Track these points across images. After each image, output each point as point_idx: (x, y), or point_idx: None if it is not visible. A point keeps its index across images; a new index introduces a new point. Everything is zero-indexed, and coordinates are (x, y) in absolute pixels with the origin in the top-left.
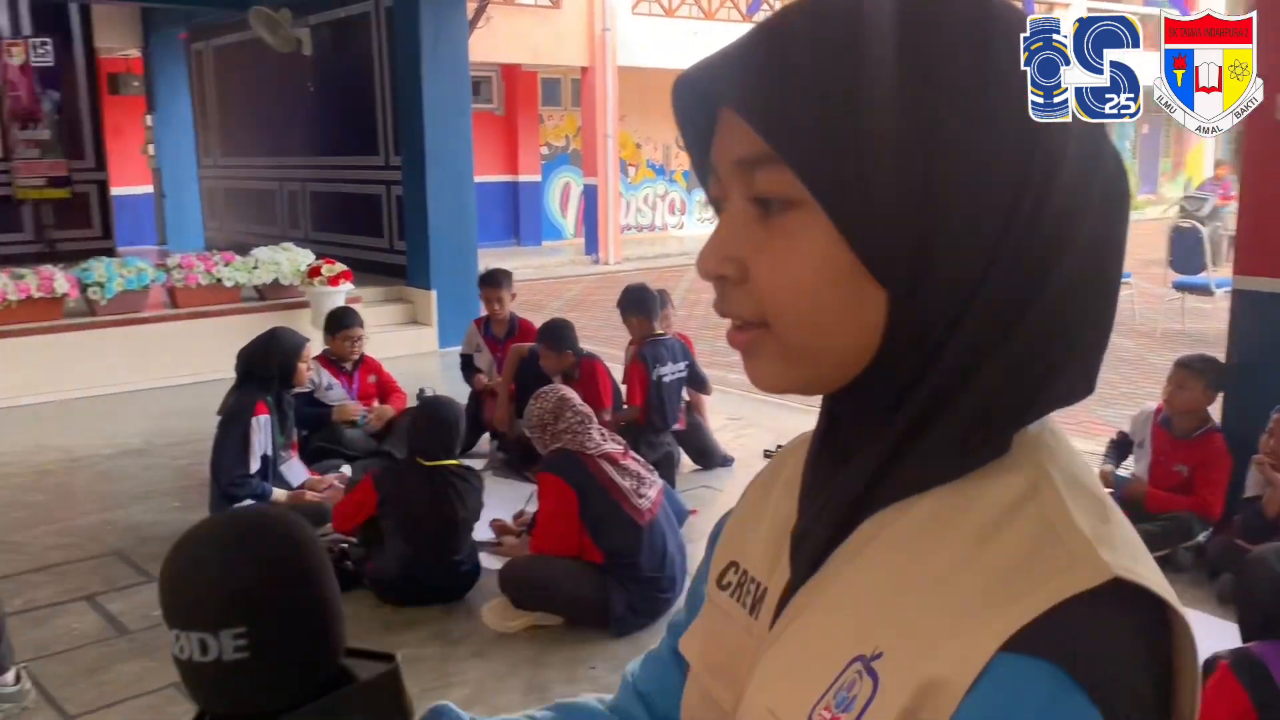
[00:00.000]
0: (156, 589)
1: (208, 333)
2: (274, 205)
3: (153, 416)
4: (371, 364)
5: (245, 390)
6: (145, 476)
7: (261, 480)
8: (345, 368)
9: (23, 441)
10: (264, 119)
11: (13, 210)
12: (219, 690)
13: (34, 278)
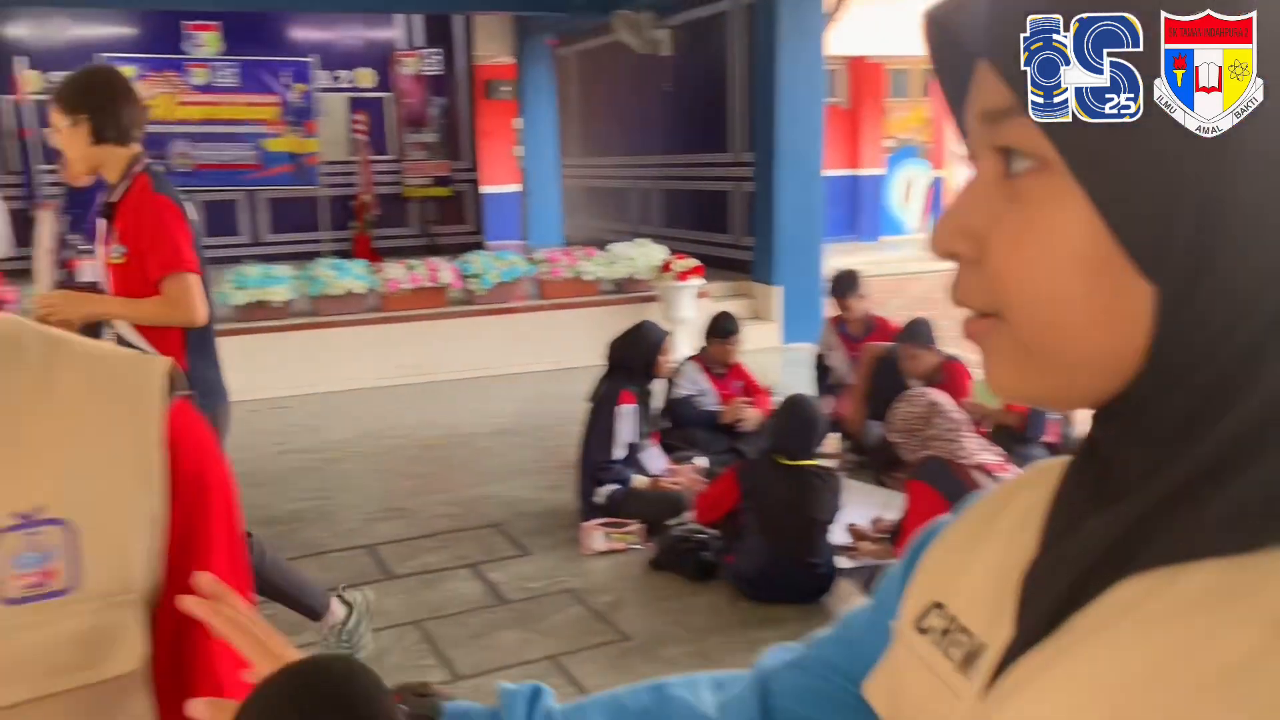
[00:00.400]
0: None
1: (569, 323)
2: (627, 202)
3: (522, 399)
4: (741, 370)
5: (613, 380)
6: (517, 455)
7: (624, 466)
8: (718, 372)
9: (413, 417)
10: (621, 119)
11: (401, 207)
12: None
13: (423, 269)
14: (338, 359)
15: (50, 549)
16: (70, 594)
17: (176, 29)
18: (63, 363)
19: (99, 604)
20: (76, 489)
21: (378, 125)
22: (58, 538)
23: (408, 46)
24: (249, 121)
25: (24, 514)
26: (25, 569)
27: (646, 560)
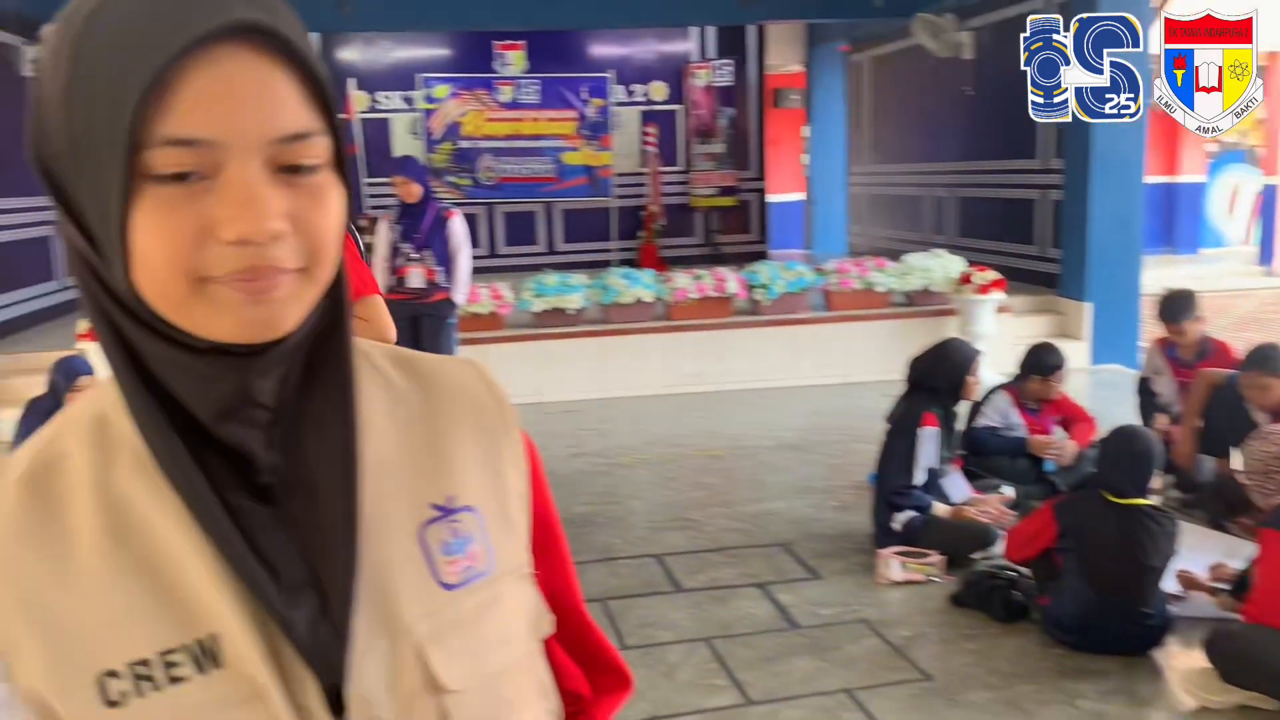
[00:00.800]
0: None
1: (857, 336)
2: (919, 211)
3: (806, 413)
4: (1062, 404)
5: (915, 400)
6: (803, 471)
7: (923, 492)
8: (1032, 407)
9: (696, 426)
10: (916, 125)
11: (687, 217)
12: None
13: (710, 278)
14: (626, 365)
15: (468, 534)
16: (491, 573)
17: (488, 49)
18: (414, 368)
19: (512, 578)
20: (473, 476)
21: (668, 137)
22: (472, 523)
23: (700, 58)
24: (549, 136)
25: (441, 505)
26: (454, 554)
27: (947, 594)
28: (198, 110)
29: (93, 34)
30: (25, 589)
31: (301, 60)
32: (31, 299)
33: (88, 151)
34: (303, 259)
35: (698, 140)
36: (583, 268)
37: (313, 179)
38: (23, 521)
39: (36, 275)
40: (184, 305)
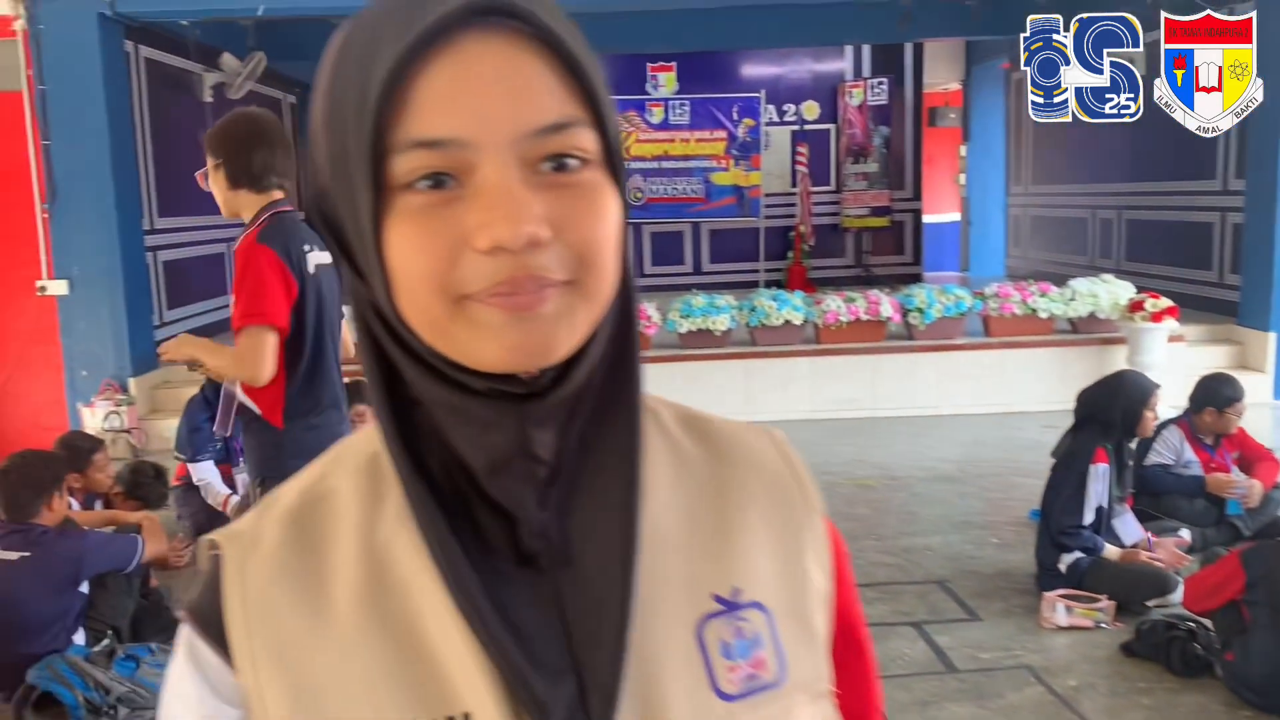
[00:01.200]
0: (982, 629)
1: (1018, 363)
2: (1084, 233)
3: (962, 443)
4: (1239, 439)
5: (1084, 435)
6: (960, 505)
7: (1094, 532)
8: (1207, 443)
9: (845, 454)
10: (1081, 144)
11: (839, 237)
12: None
13: (863, 301)
14: (772, 389)
15: (754, 635)
16: (780, 686)
17: (641, 71)
18: (705, 433)
19: (805, 696)
20: (765, 567)
21: (820, 156)
22: (760, 622)
23: (855, 77)
24: (698, 156)
25: (725, 598)
26: (735, 659)
27: (1118, 643)
28: (442, 107)
29: (344, 54)
30: (279, 635)
31: (555, 43)
32: (204, 313)
33: (342, 170)
34: (570, 269)
35: (850, 160)
36: (729, 289)
37: (579, 177)
38: (283, 560)
39: (210, 290)
40: (445, 328)
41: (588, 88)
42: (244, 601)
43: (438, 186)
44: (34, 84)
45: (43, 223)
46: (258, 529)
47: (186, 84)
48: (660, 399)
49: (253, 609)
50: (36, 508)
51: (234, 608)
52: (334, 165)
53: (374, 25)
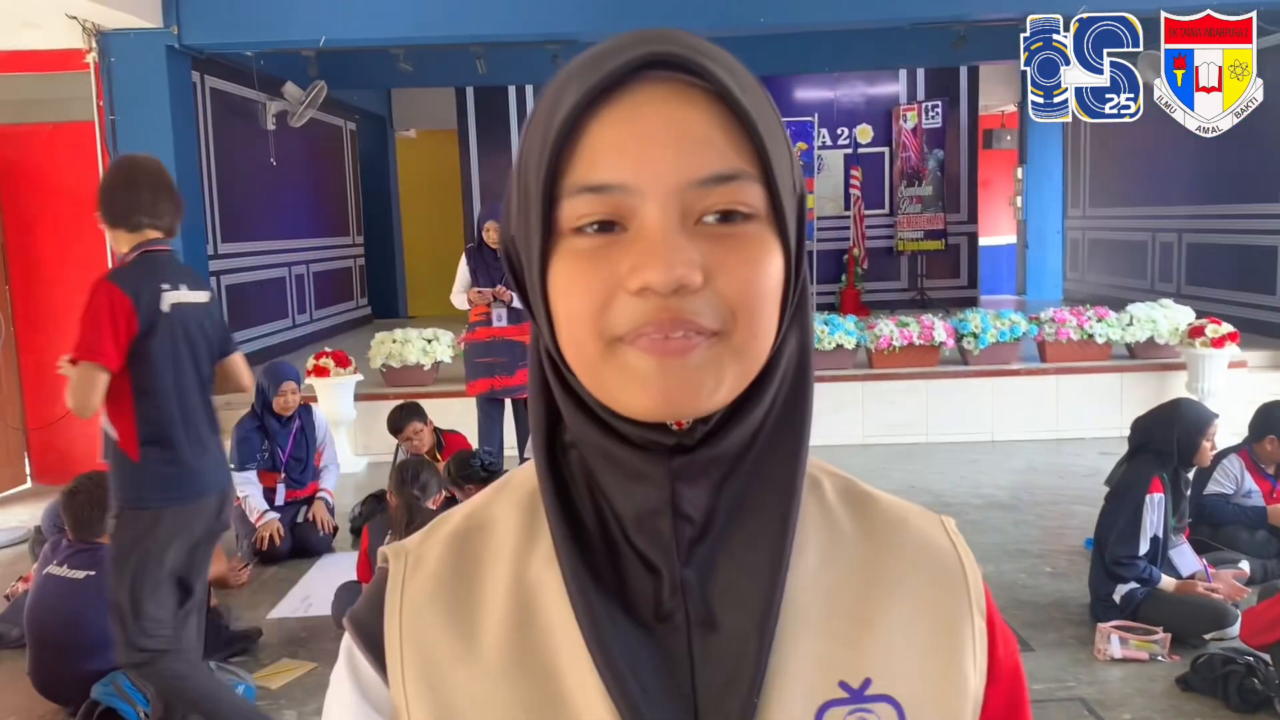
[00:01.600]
0: (1033, 660)
1: (1074, 389)
2: (1144, 257)
3: (1016, 470)
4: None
5: (1139, 464)
6: (1014, 533)
7: (1150, 563)
8: (1269, 472)
9: (897, 479)
10: (1140, 166)
11: (893, 260)
12: None
13: (916, 325)
14: (823, 413)
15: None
16: None
17: None
18: (867, 509)
19: None
20: (906, 661)
21: (874, 179)
22: (889, 717)
23: (909, 100)
24: None
25: (853, 687)
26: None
27: (1174, 676)
28: (610, 154)
29: (537, 108)
30: (430, 656)
31: (728, 97)
32: (265, 335)
33: (524, 215)
34: (721, 319)
35: (905, 183)
36: None
37: (741, 229)
38: (441, 583)
39: (272, 314)
40: (598, 371)
41: (760, 144)
42: (401, 618)
43: (603, 231)
44: (104, 114)
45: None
46: (422, 548)
47: (250, 112)
48: (826, 467)
49: (408, 627)
50: (102, 527)
51: (391, 623)
52: (519, 211)
53: (564, 79)
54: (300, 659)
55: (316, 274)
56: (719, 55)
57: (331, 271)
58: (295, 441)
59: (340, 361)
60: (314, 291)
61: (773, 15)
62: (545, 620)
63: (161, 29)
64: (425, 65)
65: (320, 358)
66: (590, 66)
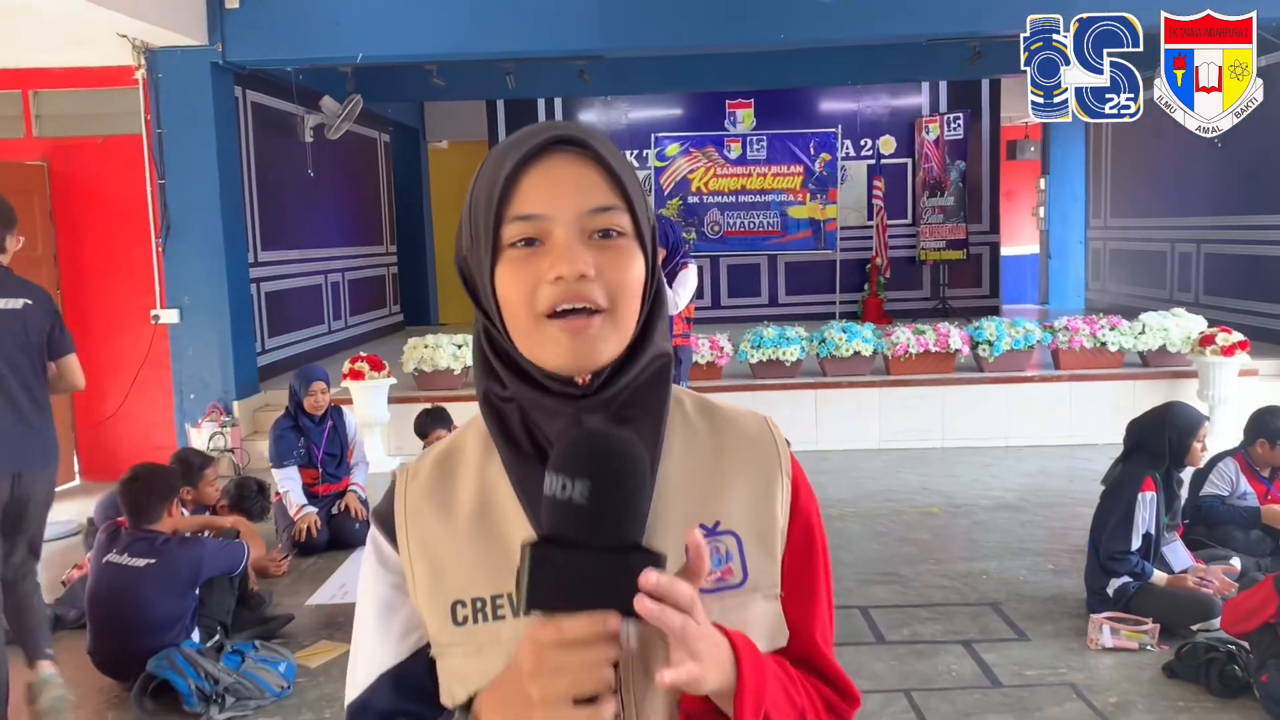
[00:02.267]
0: (1029, 649)
1: (1086, 396)
2: (1164, 267)
3: (1027, 473)
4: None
5: (1133, 463)
6: (1019, 533)
7: (1142, 559)
8: (1263, 474)
9: (911, 482)
10: (1161, 177)
11: (915, 270)
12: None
13: (932, 334)
14: (841, 418)
15: (727, 552)
16: (743, 587)
17: (721, 108)
18: (713, 415)
19: (759, 595)
20: (740, 508)
21: (896, 190)
22: (732, 544)
23: (931, 112)
24: (775, 190)
25: (709, 527)
26: (713, 567)
27: (1160, 664)
28: (534, 195)
29: (483, 168)
30: (423, 531)
31: (602, 160)
32: (303, 340)
33: (476, 239)
34: (605, 301)
35: (927, 193)
36: (805, 320)
37: (616, 243)
38: (429, 484)
39: (309, 320)
40: (530, 338)
41: (624, 188)
42: (405, 509)
43: (529, 245)
44: (152, 128)
45: (157, 256)
46: (418, 466)
47: (289, 125)
48: (687, 391)
49: (410, 514)
50: (159, 513)
51: (399, 512)
52: (472, 237)
53: (499, 153)
54: (337, 641)
55: (351, 281)
56: (596, 136)
57: (366, 279)
58: (329, 440)
59: (375, 365)
60: (349, 298)
61: (791, 32)
62: (499, 505)
63: (207, 47)
64: (457, 79)
65: (355, 361)
66: (520, 143)
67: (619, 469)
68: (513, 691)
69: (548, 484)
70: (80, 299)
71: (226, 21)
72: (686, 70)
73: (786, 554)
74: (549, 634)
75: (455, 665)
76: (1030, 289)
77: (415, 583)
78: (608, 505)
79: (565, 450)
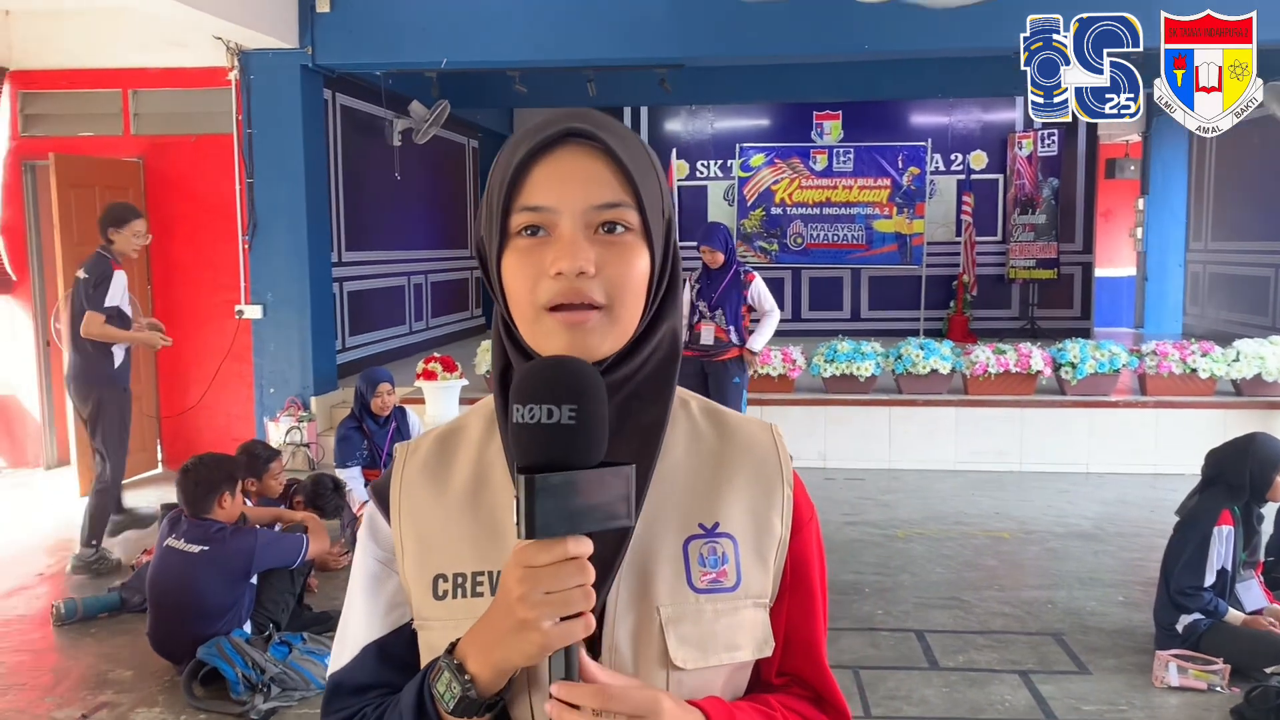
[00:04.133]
0: (1090, 683)
1: (1174, 424)
2: (1266, 293)
3: (1105, 501)
4: None
5: (1210, 495)
6: (1092, 562)
7: (1216, 595)
8: None
9: (984, 506)
10: (1265, 201)
11: (1004, 288)
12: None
13: (1013, 354)
14: (915, 437)
15: (723, 554)
16: (735, 591)
17: (808, 119)
18: (718, 420)
19: (750, 603)
20: (739, 513)
21: (987, 206)
22: (729, 547)
23: (1025, 128)
24: (861, 203)
25: (707, 527)
26: (707, 568)
27: (1229, 707)
28: (542, 187)
29: (499, 157)
30: (414, 503)
31: (614, 155)
32: (383, 339)
33: (488, 225)
34: (605, 297)
35: (1018, 210)
36: (888, 335)
37: (621, 239)
38: (427, 459)
39: (391, 320)
40: (532, 328)
41: (634, 184)
42: (401, 482)
43: (534, 234)
44: (242, 128)
45: (243, 253)
46: (419, 443)
47: (377, 129)
48: (695, 395)
49: (405, 487)
50: (210, 503)
51: (394, 485)
52: (486, 222)
53: (517, 140)
54: None
55: (434, 284)
56: (614, 127)
57: (448, 282)
58: (392, 440)
59: (448, 366)
60: (431, 300)
61: (876, 42)
62: (492, 483)
63: (298, 49)
64: (541, 86)
65: (429, 362)
66: (533, 133)
67: (594, 386)
68: (500, 624)
69: (525, 414)
70: (169, 292)
71: (317, 25)
72: (772, 80)
73: (786, 565)
74: (544, 555)
75: (433, 639)
76: (1126, 312)
77: (404, 555)
78: (593, 423)
79: (539, 378)
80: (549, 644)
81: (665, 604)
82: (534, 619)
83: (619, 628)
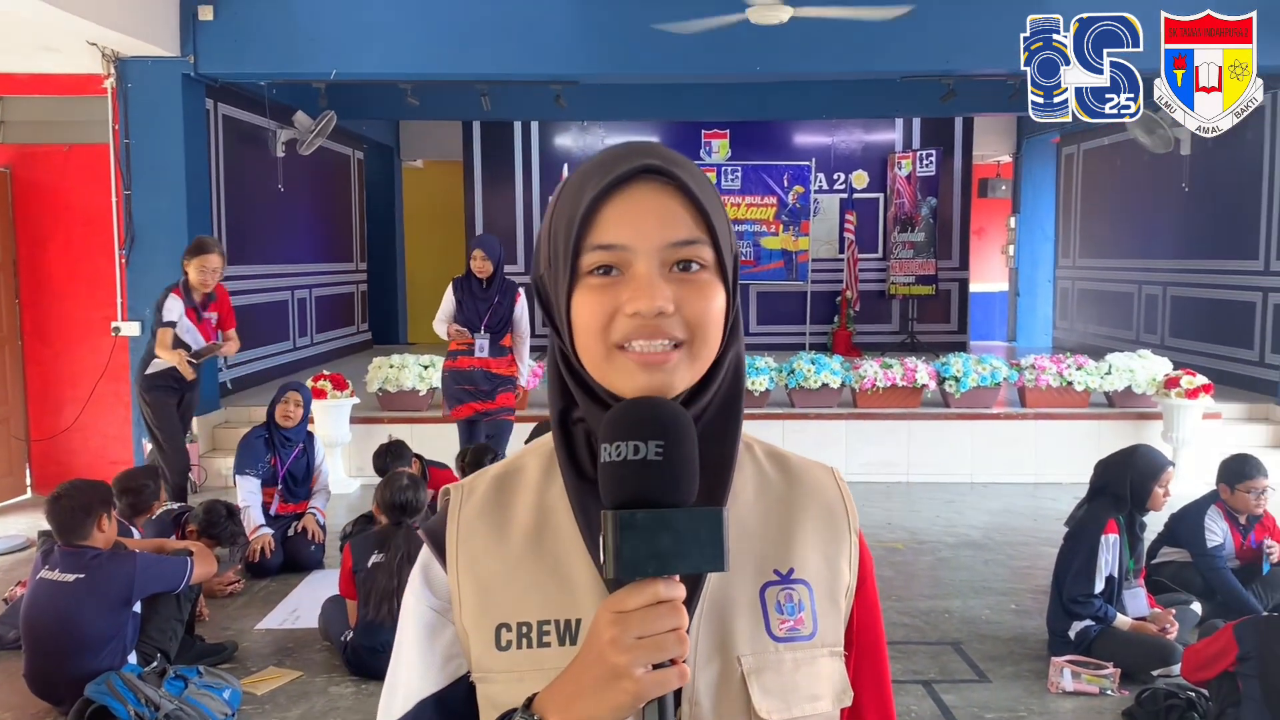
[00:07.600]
0: (989, 691)
1: (1052, 435)
2: (1130, 308)
3: (991, 511)
4: (1270, 523)
5: (1096, 505)
6: (983, 571)
7: (1105, 602)
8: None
9: (875, 517)
10: (1128, 220)
11: (885, 304)
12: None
13: (900, 368)
14: (808, 450)
15: (800, 601)
16: (813, 640)
17: (697, 137)
18: (784, 464)
19: (827, 651)
20: (812, 559)
21: (868, 224)
22: (804, 594)
23: (904, 148)
24: (748, 221)
25: (782, 573)
26: (785, 615)
27: (1120, 709)
28: (616, 225)
29: (563, 194)
30: (473, 550)
31: (688, 192)
32: (269, 356)
33: (555, 264)
34: (684, 334)
35: (898, 228)
36: (775, 350)
37: (698, 276)
38: (484, 503)
39: (275, 335)
40: (602, 366)
41: (709, 221)
42: (459, 527)
43: (607, 274)
44: (119, 138)
45: (120, 268)
46: (474, 484)
47: (260, 139)
48: (755, 438)
49: (462, 533)
50: (88, 528)
51: (451, 530)
52: (551, 261)
53: (583, 175)
54: (286, 667)
55: (319, 298)
56: (684, 163)
57: (334, 296)
58: (295, 461)
59: (338, 384)
60: (316, 315)
61: (767, 64)
62: (556, 528)
63: (178, 58)
64: (432, 99)
65: (319, 380)
66: (603, 169)
67: (684, 425)
68: (587, 674)
69: (611, 453)
70: (39, 308)
71: (199, 33)
72: (664, 98)
73: (853, 614)
74: (635, 598)
75: (495, 692)
76: (998, 326)
77: (461, 603)
78: (680, 460)
79: (626, 417)
80: (642, 693)
81: (746, 653)
82: (626, 664)
83: (699, 679)
